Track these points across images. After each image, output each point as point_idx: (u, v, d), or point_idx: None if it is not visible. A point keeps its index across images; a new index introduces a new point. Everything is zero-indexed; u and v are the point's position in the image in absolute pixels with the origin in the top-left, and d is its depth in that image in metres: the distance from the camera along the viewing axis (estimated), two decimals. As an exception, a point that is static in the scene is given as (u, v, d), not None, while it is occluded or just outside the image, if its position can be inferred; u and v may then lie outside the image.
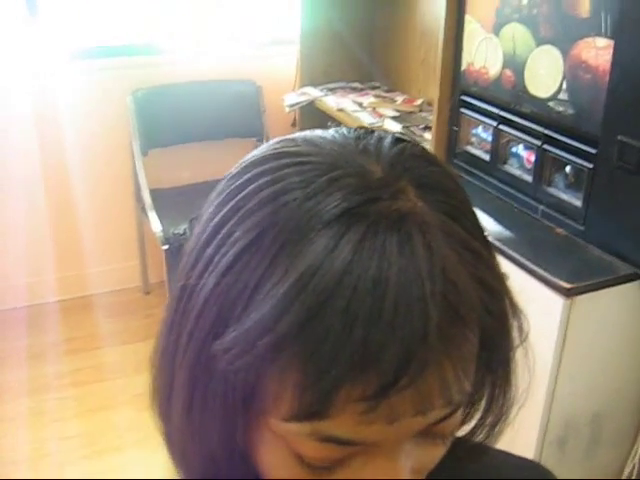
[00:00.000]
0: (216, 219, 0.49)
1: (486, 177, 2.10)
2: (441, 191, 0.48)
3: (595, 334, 1.72)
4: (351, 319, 0.41)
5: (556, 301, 1.64)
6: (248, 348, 0.43)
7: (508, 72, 1.94)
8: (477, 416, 0.59)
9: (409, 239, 0.44)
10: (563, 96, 1.76)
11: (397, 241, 0.43)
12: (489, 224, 1.95)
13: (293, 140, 0.51)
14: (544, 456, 1.83)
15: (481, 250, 0.48)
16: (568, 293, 1.62)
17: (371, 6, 3.21)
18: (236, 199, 0.48)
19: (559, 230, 1.86)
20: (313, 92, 3.16)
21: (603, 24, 1.63)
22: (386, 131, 0.53)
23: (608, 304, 1.69)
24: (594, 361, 1.76)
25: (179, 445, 0.55)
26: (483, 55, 2.03)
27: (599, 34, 1.64)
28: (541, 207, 1.90)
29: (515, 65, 1.91)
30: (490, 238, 1.58)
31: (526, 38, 1.86)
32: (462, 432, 0.61)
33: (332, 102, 3.00)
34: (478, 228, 0.51)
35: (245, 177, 0.49)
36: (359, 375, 0.42)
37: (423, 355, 0.42)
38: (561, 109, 1.78)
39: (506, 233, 1.90)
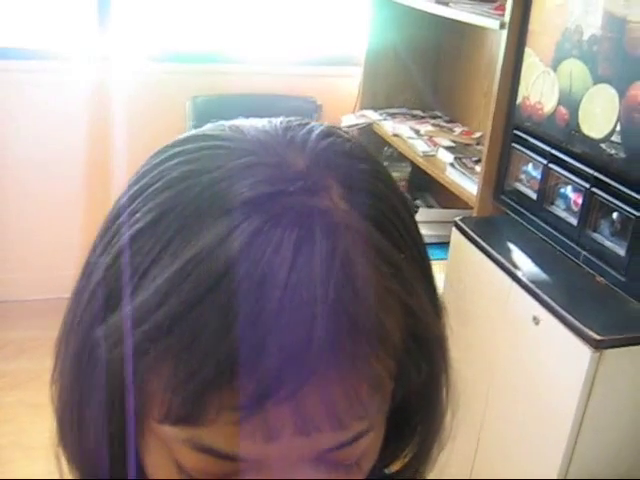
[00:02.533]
0: (125, 198, 0.45)
1: (531, 216, 2.01)
2: (369, 194, 0.44)
3: (624, 392, 1.62)
4: (230, 317, 0.37)
5: (584, 352, 1.55)
6: (124, 336, 0.40)
7: (563, 109, 1.86)
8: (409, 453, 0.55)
9: (311, 237, 0.39)
10: (616, 138, 1.68)
11: (296, 238, 0.39)
12: (528, 265, 1.88)
13: (222, 125, 0.48)
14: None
15: (403, 265, 0.43)
16: (597, 345, 1.53)
17: (439, 34, 3.16)
18: (146, 178, 0.45)
19: (599, 279, 1.76)
20: (372, 115, 3.12)
21: (663, 66, 1.54)
22: (324, 124, 0.48)
23: (640, 361, 1.60)
24: (621, 421, 1.66)
25: (62, 432, 0.50)
26: (539, 90, 1.96)
27: (658, 76, 1.55)
28: (584, 253, 1.81)
29: (570, 102, 1.83)
30: (525, 279, 1.50)
31: (584, 75, 1.78)
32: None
33: (389, 127, 2.95)
34: (410, 242, 0.46)
35: (161, 157, 0.46)
36: (233, 380, 0.38)
37: (306, 366, 0.38)
38: (613, 152, 1.69)
39: (543, 276, 1.82)
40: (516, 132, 2.08)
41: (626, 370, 1.59)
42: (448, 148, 2.66)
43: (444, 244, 2.70)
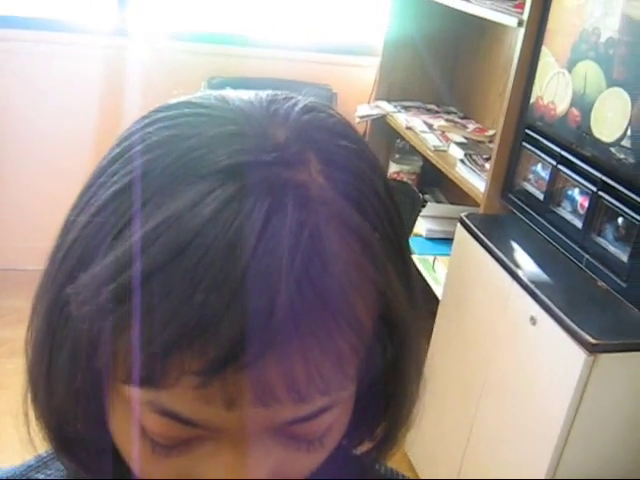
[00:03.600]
0: (107, 159, 0.46)
1: (537, 217, 2.00)
2: (348, 171, 0.44)
3: (616, 397, 1.61)
4: (195, 281, 0.38)
5: (579, 355, 1.54)
6: (93, 295, 0.40)
7: (575, 111, 1.85)
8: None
9: (282, 208, 0.39)
10: (626, 143, 1.66)
11: (267, 208, 0.39)
12: (529, 265, 1.87)
13: (209, 93, 0.48)
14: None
15: (376, 245, 0.43)
16: (592, 349, 1.52)
17: (458, 29, 3.14)
18: (127, 142, 0.45)
19: (600, 283, 1.75)
20: (386, 107, 3.11)
21: (678, 73, 1.53)
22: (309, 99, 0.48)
23: (635, 368, 1.59)
24: (612, 424, 1.65)
25: (30, 389, 0.52)
26: (553, 90, 1.94)
27: (672, 83, 1.54)
28: (587, 256, 1.80)
29: (583, 104, 1.82)
30: (525, 279, 1.50)
31: (598, 78, 1.76)
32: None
33: (402, 119, 2.94)
34: (387, 224, 0.45)
35: (145, 122, 0.46)
36: (194, 344, 0.38)
37: (267, 334, 0.38)
38: (622, 156, 1.68)
39: (543, 277, 1.81)
40: (527, 131, 2.07)
41: (619, 376, 1.59)
42: (459, 144, 2.64)
43: (451, 240, 2.70)
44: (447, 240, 2.71)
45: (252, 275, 0.38)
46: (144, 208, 0.41)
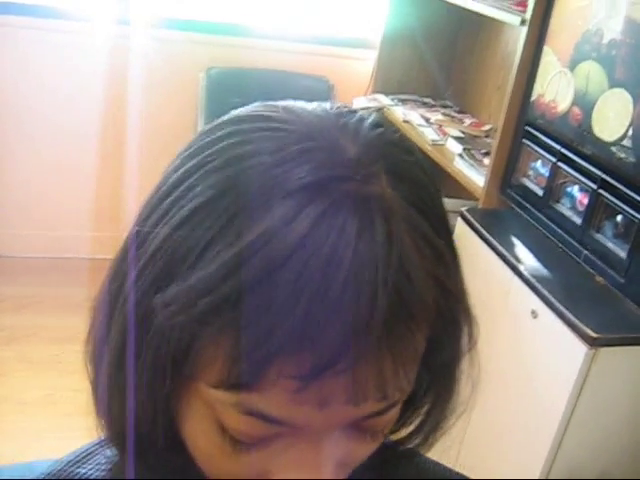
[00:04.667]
0: (180, 171, 0.48)
1: (536, 212, 2.05)
2: (413, 182, 0.47)
3: (615, 390, 1.66)
4: (297, 293, 0.40)
5: (580, 349, 1.59)
6: (187, 306, 0.42)
7: (576, 110, 1.90)
8: (415, 421, 0.58)
9: (371, 223, 0.42)
10: (627, 143, 1.71)
11: (358, 223, 0.42)
12: (530, 259, 1.91)
13: (275, 106, 0.50)
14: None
15: (443, 249, 0.47)
16: (593, 343, 1.57)
17: (456, 24, 3.17)
18: (203, 154, 0.47)
19: (599, 279, 1.80)
20: (383, 100, 3.14)
21: (680, 76, 1.57)
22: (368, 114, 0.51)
23: (634, 361, 1.63)
24: (609, 417, 1.70)
25: (105, 395, 0.52)
26: (555, 89, 1.99)
27: (674, 85, 1.58)
28: (585, 252, 1.84)
29: (585, 104, 1.86)
30: (526, 273, 1.54)
31: (600, 78, 1.81)
32: (397, 435, 0.59)
33: (399, 113, 2.98)
34: (445, 228, 0.49)
35: (217, 134, 0.48)
36: (295, 351, 0.41)
37: (364, 342, 0.41)
38: (623, 155, 1.72)
39: (544, 271, 1.86)
40: (528, 128, 2.11)
41: (619, 369, 1.63)
42: (457, 138, 2.68)
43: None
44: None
45: (351, 287, 0.40)
46: (233, 222, 0.42)
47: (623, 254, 1.72)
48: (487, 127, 2.87)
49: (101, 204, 3.27)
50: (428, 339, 0.47)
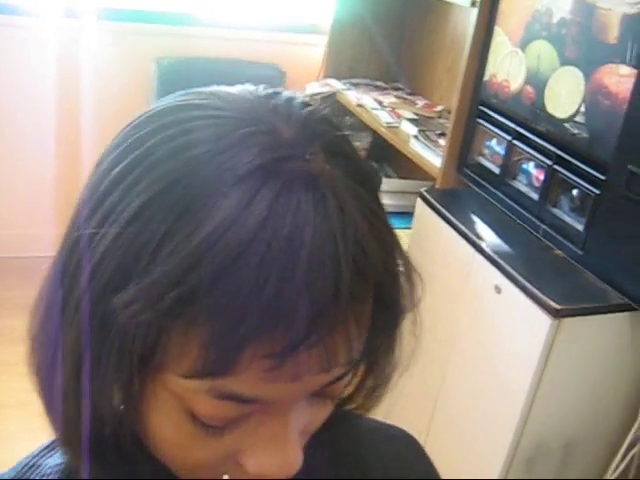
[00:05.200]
0: (118, 168, 0.47)
1: (494, 190, 2.09)
2: (347, 157, 0.49)
3: (579, 359, 1.71)
4: (264, 275, 0.41)
5: (544, 320, 1.64)
6: (153, 302, 0.42)
7: (529, 88, 1.94)
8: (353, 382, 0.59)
9: (323, 199, 0.44)
10: (580, 119, 1.76)
11: (312, 200, 0.44)
12: (490, 236, 1.96)
13: (200, 93, 0.50)
14: (510, 473, 1.83)
15: (382, 215, 0.49)
16: (557, 314, 1.62)
17: (404, 8, 3.20)
18: (142, 148, 0.47)
19: (557, 252, 1.86)
20: (336, 84, 3.16)
21: (629, 53, 1.62)
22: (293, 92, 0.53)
23: (596, 331, 1.69)
24: (574, 387, 1.76)
25: (60, 400, 0.51)
26: (507, 68, 2.03)
27: (623, 62, 1.63)
28: (543, 227, 1.89)
29: (537, 82, 1.91)
30: (488, 250, 1.58)
31: (551, 57, 1.85)
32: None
33: (353, 97, 3.00)
34: (377, 195, 0.52)
35: (151, 127, 0.48)
36: (268, 331, 0.42)
37: (333, 313, 0.43)
38: (576, 131, 1.77)
39: (504, 247, 1.90)
40: (482, 108, 2.15)
41: (582, 339, 1.69)
42: (411, 120, 2.71)
43: (403, 214, 2.78)
44: (399, 214, 2.79)
45: (316, 263, 0.42)
46: (186, 214, 0.43)
47: (580, 227, 1.78)
48: (439, 108, 2.91)
49: (60, 200, 3.24)
50: (375, 295, 0.49)
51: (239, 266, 0.41)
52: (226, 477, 0.51)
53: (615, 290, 1.69)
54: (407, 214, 2.74)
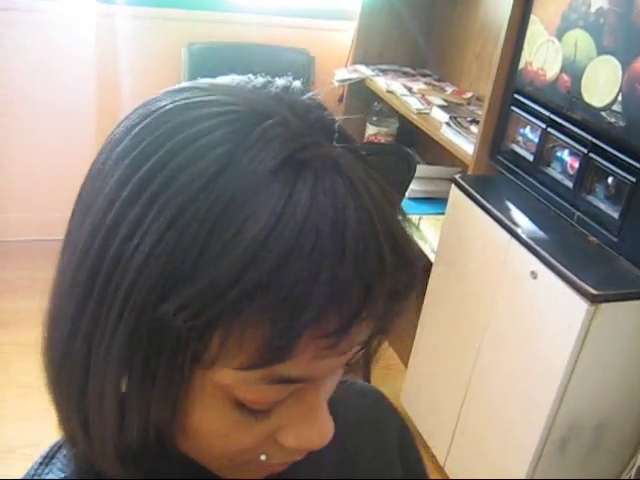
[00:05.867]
0: (138, 176, 0.46)
1: (527, 177, 2.13)
2: (347, 137, 0.50)
3: (614, 344, 1.75)
4: (318, 262, 0.43)
5: (581, 306, 1.67)
6: (212, 301, 0.42)
7: (565, 77, 1.97)
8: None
9: (351, 182, 0.46)
10: (617, 108, 1.78)
11: (343, 184, 0.45)
12: (525, 222, 1.99)
13: (199, 89, 0.50)
14: (544, 453, 1.87)
15: (391, 190, 0.51)
16: (594, 299, 1.65)
17: (434, -6, 3.23)
18: (159, 154, 0.46)
19: (592, 238, 1.89)
20: (364, 70, 3.19)
21: (668, 42, 1.65)
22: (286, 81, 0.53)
23: (631, 316, 1.73)
24: (608, 370, 1.80)
25: (97, 416, 0.50)
26: (543, 57, 2.05)
27: (662, 52, 1.66)
28: (577, 214, 1.93)
29: (573, 71, 1.93)
30: (524, 236, 1.62)
31: (588, 46, 1.88)
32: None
33: (382, 83, 3.03)
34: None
35: (163, 129, 0.47)
36: (324, 314, 0.43)
37: (379, 288, 0.46)
38: (613, 120, 1.80)
39: (540, 233, 1.94)
40: (516, 96, 2.18)
41: (617, 324, 1.72)
42: (441, 107, 2.74)
43: (432, 199, 2.82)
44: (430, 200, 2.83)
45: (362, 243, 0.44)
46: (229, 210, 0.43)
47: (616, 214, 1.81)
48: (468, 95, 2.94)
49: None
50: None
51: (294, 257, 0.42)
52: (263, 457, 0.52)
53: (650, 276, 1.73)
54: (436, 200, 2.78)
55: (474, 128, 2.50)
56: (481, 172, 2.33)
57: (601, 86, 1.84)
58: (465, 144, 2.43)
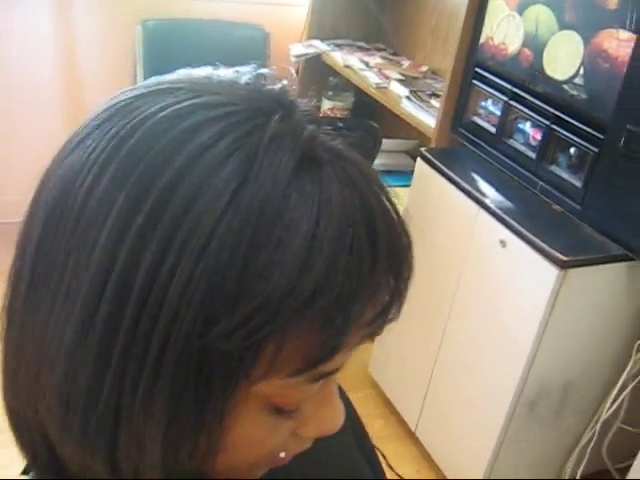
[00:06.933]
0: (149, 202, 0.42)
1: (489, 149, 2.19)
2: (326, 123, 0.50)
3: (581, 308, 1.83)
4: (360, 256, 0.43)
5: (551, 272, 1.75)
6: (270, 316, 0.41)
7: (527, 51, 2.03)
8: None
9: (359, 169, 0.47)
10: (579, 81, 1.85)
11: (359, 172, 0.46)
12: (491, 192, 2.05)
13: (184, 90, 0.47)
14: (515, 415, 1.95)
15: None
16: (563, 265, 1.73)
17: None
18: (166, 174, 0.42)
19: (556, 207, 1.96)
20: (320, 45, 3.21)
21: (628, 18, 1.71)
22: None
23: (598, 280, 1.81)
24: (576, 333, 1.88)
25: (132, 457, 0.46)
26: (504, 32, 2.11)
27: (623, 27, 1.72)
28: (541, 183, 2.00)
29: (535, 45, 1.99)
30: (493, 206, 1.68)
31: (550, 21, 1.94)
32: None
33: (339, 58, 3.06)
34: None
35: (160, 145, 0.43)
36: (368, 304, 0.45)
37: (405, 272, 0.48)
38: (575, 93, 1.87)
39: (507, 203, 2.00)
40: (477, 70, 2.23)
41: (585, 288, 1.81)
42: (399, 81, 2.79)
43: (392, 172, 2.87)
44: (391, 172, 2.88)
45: (391, 229, 0.46)
46: (264, 225, 0.41)
47: (579, 183, 1.88)
48: (424, 68, 2.99)
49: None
50: None
51: (340, 254, 0.42)
52: (283, 454, 0.52)
53: (613, 242, 1.81)
54: (398, 172, 2.84)
55: (434, 102, 2.56)
56: (443, 145, 2.39)
57: (563, 60, 1.91)
58: (426, 117, 2.49)
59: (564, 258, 1.73)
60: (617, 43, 1.74)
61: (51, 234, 0.45)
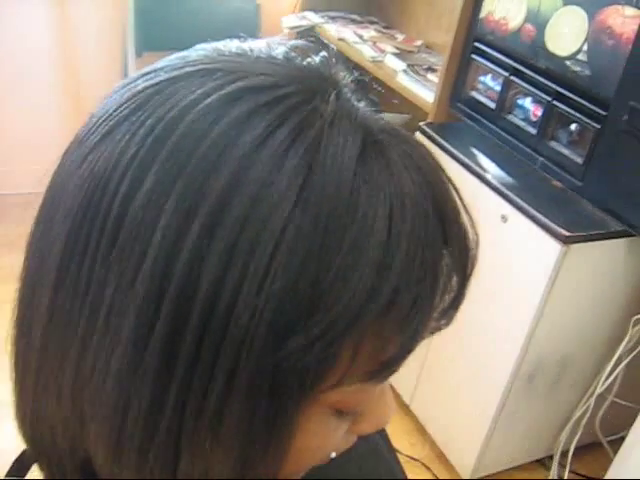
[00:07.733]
0: (205, 210, 0.38)
1: (488, 124, 2.19)
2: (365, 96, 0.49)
3: (580, 283, 1.85)
4: (421, 245, 0.41)
5: (553, 247, 1.76)
6: (352, 322, 0.39)
7: (529, 26, 2.03)
8: None
9: (420, 152, 0.45)
10: (582, 57, 1.86)
11: (419, 155, 0.45)
12: (492, 167, 2.06)
13: (223, 72, 0.42)
14: (513, 389, 1.98)
15: None
16: (566, 240, 1.74)
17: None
18: (222, 178, 0.38)
19: (556, 183, 1.97)
20: (314, 17, 3.19)
21: (634, -6, 1.72)
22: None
23: (599, 256, 1.83)
24: (574, 308, 1.90)
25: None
26: (505, 7, 2.11)
27: (629, 3, 1.73)
28: (541, 159, 2.00)
29: (538, 21, 1.99)
30: (494, 181, 1.69)
31: (553, -4, 1.94)
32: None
33: (333, 30, 3.04)
34: None
35: (209, 142, 0.39)
36: (431, 293, 0.43)
37: (474, 264, 0.50)
38: (578, 69, 1.87)
39: (508, 178, 2.01)
40: (477, 44, 2.23)
41: (586, 263, 1.82)
42: (394, 55, 2.78)
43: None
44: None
45: (465, 221, 0.48)
46: (330, 225, 0.38)
47: (579, 160, 1.89)
48: (418, 43, 2.98)
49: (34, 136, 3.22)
50: None
51: (415, 249, 0.40)
52: (334, 454, 0.50)
53: (614, 218, 1.83)
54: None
55: (431, 76, 2.56)
56: (441, 120, 2.39)
57: (566, 36, 1.91)
58: (424, 92, 2.48)
59: (567, 233, 1.75)
60: (622, 19, 1.75)
61: (81, 246, 0.40)
